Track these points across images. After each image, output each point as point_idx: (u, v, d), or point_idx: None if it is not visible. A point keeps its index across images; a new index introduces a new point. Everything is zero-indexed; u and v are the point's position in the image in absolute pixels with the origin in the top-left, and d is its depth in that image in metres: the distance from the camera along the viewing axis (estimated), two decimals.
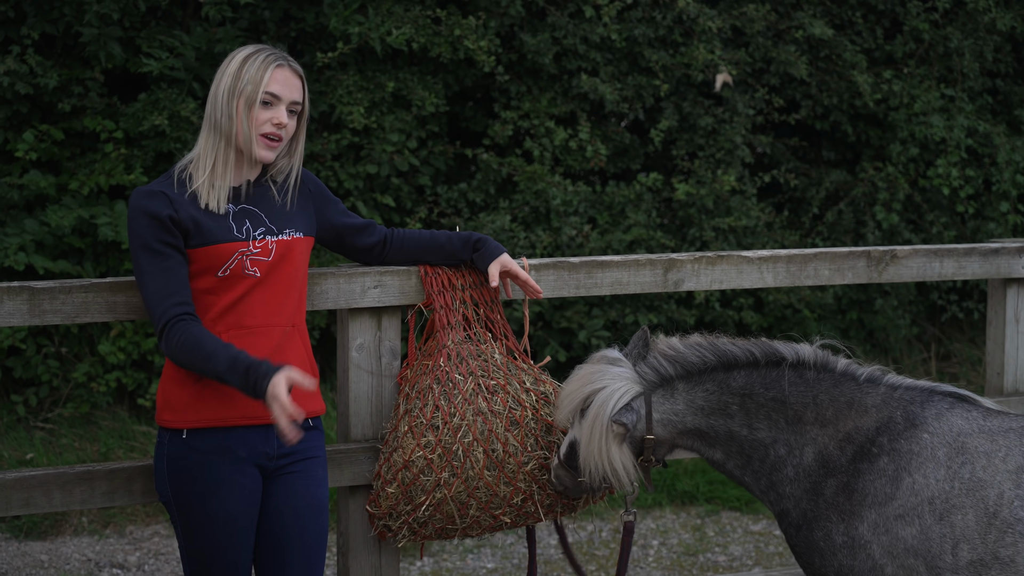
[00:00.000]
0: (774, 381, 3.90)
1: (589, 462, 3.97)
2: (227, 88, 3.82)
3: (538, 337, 7.99)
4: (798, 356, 3.93)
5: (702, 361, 3.93)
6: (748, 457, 3.96)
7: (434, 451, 4.12)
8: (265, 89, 3.81)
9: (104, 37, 7.31)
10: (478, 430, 4.14)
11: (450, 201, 8.09)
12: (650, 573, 6.54)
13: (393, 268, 4.30)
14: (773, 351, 3.93)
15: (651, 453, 3.97)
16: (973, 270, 5.13)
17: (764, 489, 3.97)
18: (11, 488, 3.99)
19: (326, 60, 7.65)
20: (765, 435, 3.91)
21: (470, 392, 4.16)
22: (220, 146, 3.82)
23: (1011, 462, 3.71)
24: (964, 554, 3.68)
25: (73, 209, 7.29)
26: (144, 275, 3.74)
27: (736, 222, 8.21)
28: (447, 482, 4.12)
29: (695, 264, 4.72)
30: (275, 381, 3.57)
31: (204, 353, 3.66)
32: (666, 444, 4.01)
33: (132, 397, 7.74)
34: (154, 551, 6.67)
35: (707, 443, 3.99)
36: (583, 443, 3.97)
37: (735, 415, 3.92)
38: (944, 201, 9.07)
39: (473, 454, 4.13)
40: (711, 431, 3.95)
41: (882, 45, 9.07)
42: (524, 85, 8.26)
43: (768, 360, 3.92)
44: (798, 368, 3.92)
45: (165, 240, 3.73)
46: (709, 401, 3.93)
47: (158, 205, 3.74)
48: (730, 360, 3.93)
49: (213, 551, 3.81)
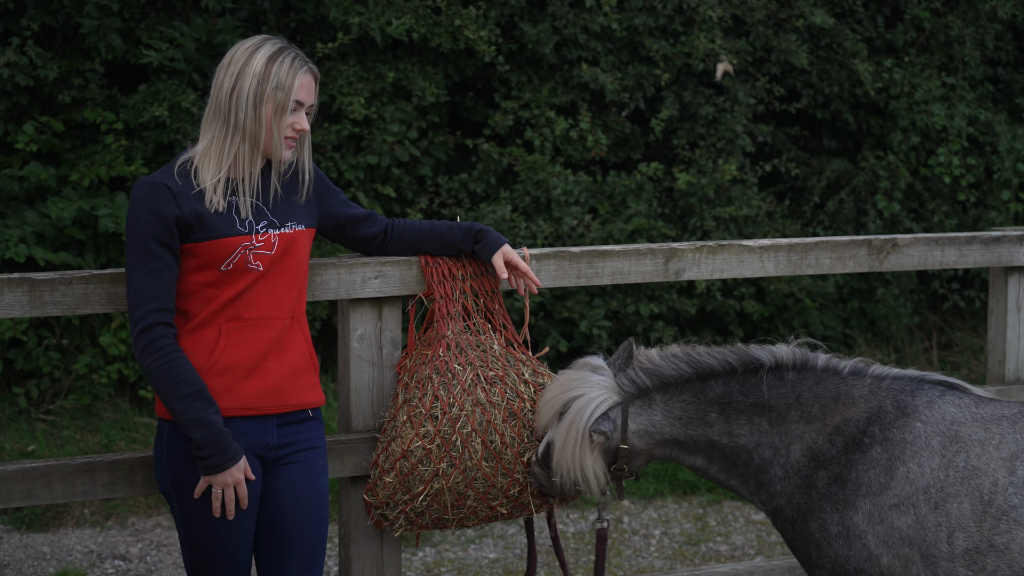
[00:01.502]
0: (753, 387, 3.92)
1: (562, 465, 4.02)
2: (253, 91, 3.78)
3: (539, 327, 7.99)
4: (776, 359, 3.94)
5: (677, 372, 3.96)
6: (732, 463, 3.98)
7: (432, 441, 4.12)
8: (295, 98, 3.81)
9: (104, 28, 7.30)
10: (476, 421, 4.14)
11: (451, 191, 8.09)
12: (652, 563, 6.55)
13: (393, 258, 4.30)
14: (750, 358, 3.94)
15: (624, 463, 4.01)
16: (974, 258, 5.12)
17: (753, 490, 3.98)
18: (13, 480, 3.99)
19: (326, 50, 7.65)
20: (747, 440, 3.93)
21: (469, 383, 4.16)
22: (241, 147, 3.80)
23: (1004, 449, 3.72)
24: (960, 542, 3.68)
25: (74, 201, 7.28)
26: (131, 271, 3.74)
27: (737, 211, 8.21)
28: (445, 472, 4.13)
29: (696, 253, 4.71)
30: (238, 466, 3.73)
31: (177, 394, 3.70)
32: (642, 455, 4.04)
33: (133, 388, 7.74)
34: (156, 542, 6.68)
35: (687, 452, 4.02)
36: (558, 446, 4.01)
37: (714, 423, 3.95)
38: (945, 190, 9.06)
39: (471, 445, 4.13)
40: (690, 440, 3.98)
41: (883, 33, 9.06)
42: (525, 75, 8.25)
43: (745, 367, 3.94)
44: (777, 371, 3.93)
45: (161, 240, 3.72)
46: (687, 411, 3.96)
47: (162, 201, 3.72)
48: (706, 370, 3.95)
49: (213, 541, 3.82)
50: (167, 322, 3.72)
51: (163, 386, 3.70)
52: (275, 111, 3.79)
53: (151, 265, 3.72)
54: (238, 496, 3.76)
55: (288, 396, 3.87)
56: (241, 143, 3.79)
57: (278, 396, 3.85)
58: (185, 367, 3.70)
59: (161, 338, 3.69)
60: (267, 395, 3.83)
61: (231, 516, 3.76)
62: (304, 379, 3.92)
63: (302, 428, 3.92)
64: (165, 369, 3.68)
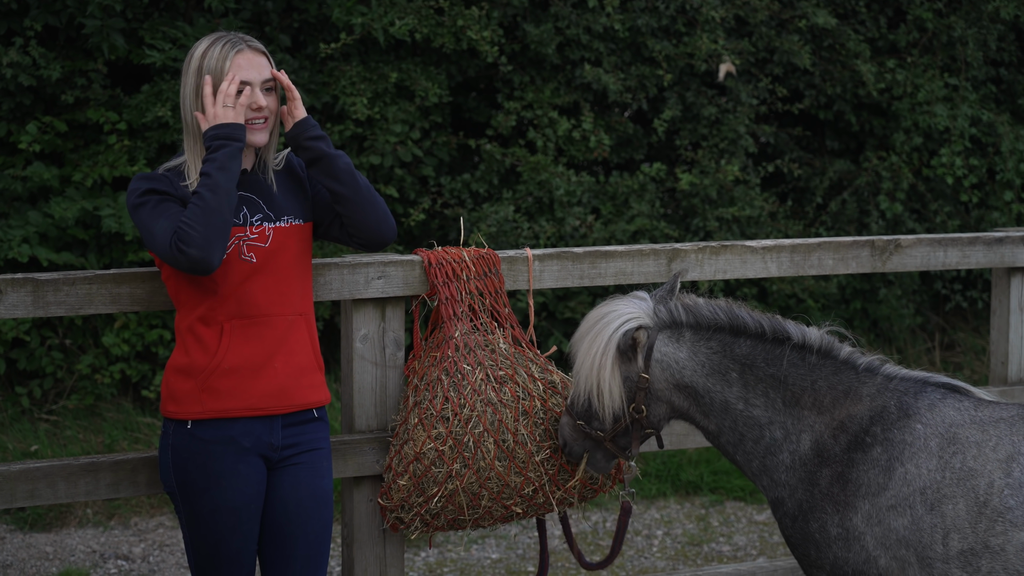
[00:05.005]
0: (776, 358, 3.91)
1: (581, 376, 3.98)
2: (192, 89, 3.79)
3: (542, 328, 7.99)
4: (804, 338, 3.93)
5: (713, 317, 3.94)
6: (742, 435, 3.96)
7: (445, 442, 4.12)
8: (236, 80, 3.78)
9: (107, 28, 7.30)
10: (488, 420, 4.14)
11: (453, 192, 8.09)
12: (655, 563, 6.55)
13: (397, 259, 4.30)
14: (781, 328, 3.94)
15: (643, 401, 3.97)
16: (977, 259, 5.12)
17: (756, 472, 3.97)
18: (16, 480, 3.99)
19: (329, 51, 7.65)
20: (761, 413, 3.92)
21: (479, 382, 4.17)
22: (196, 146, 3.81)
23: (1001, 451, 3.72)
24: (955, 544, 3.68)
25: (77, 201, 7.29)
26: (150, 225, 3.71)
27: (740, 212, 8.21)
28: (459, 473, 4.13)
29: (699, 254, 4.71)
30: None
31: (202, 204, 3.65)
32: (662, 400, 3.99)
33: (136, 389, 7.74)
34: (159, 542, 6.68)
35: (702, 410, 3.98)
36: (580, 354, 3.98)
37: (733, 384, 3.93)
38: (948, 190, 9.06)
39: (484, 445, 4.13)
40: (707, 394, 3.95)
41: (885, 34, 9.06)
42: (527, 75, 8.25)
43: (775, 336, 3.93)
44: (801, 350, 3.92)
45: (167, 197, 3.73)
46: (711, 360, 3.94)
47: (158, 182, 3.76)
48: (739, 325, 3.94)
49: (217, 541, 3.82)
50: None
51: (203, 223, 3.65)
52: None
53: (169, 211, 3.72)
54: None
55: (293, 396, 3.87)
56: (196, 143, 3.80)
57: (283, 396, 3.85)
58: (188, 209, 3.67)
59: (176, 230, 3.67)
60: (273, 395, 3.83)
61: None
62: (309, 378, 3.92)
63: (307, 429, 3.92)
64: (191, 228, 3.63)
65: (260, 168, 3.92)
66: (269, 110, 3.84)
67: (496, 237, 7.70)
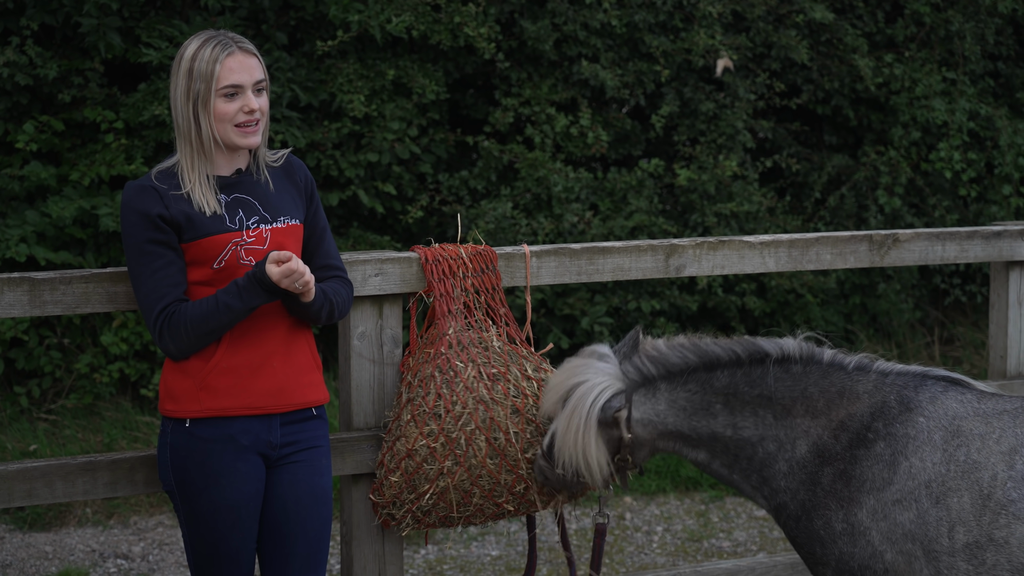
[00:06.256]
0: (759, 378, 3.90)
1: (564, 452, 3.98)
2: (183, 92, 3.77)
3: (541, 324, 7.99)
4: (783, 351, 3.92)
5: (683, 361, 3.93)
6: (735, 456, 3.95)
7: (437, 439, 4.12)
8: (223, 84, 3.75)
9: (103, 27, 7.30)
10: (480, 418, 4.14)
11: (451, 189, 8.09)
12: (654, 559, 6.55)
13: (394, 256, 4.30)
14: (757, 348, 3.92)
15: (628, 452, 3.98)
16: (976, 253, 5.12)
17: (756, 485, 3.96)
18: (14, 479, 3.99)
19: (326, 48, 7.64)
20: (751, 433, 3.91)
21: (471, 380, 4.16)
22: (191, 152, 3.78)
23: (1004, 443, 3.71)
24: (960, 537, 3.68)
25: (74, 200, 7.28)
26: (135, 277, 3.76)
27: (738, 207, 8.20)
28: (450, 470, 4.12)
29: (696, 249, 4.71)
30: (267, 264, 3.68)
31: (199, 315, 3.69)
32: (645, 447, 4.01)
33: (135, 387, 7.74)
34: (158, 541, 6.68)
35: (690, 445, 3.99)
36: (560, 433, 3.99)
37: (719, 415, 3.92)
38: (946, 185, 9.06)
39: (475, 442, 4.13)
40: (693, 433, 3.95)
41: (883, 29, 9.05)
42: (525, 72, 8.24)
43: (752, 358, 3.92)
44: (784, 363, 3.91)
45: (156, 239, 3.72)
46: (692, 401, 3.93)
47: (148, 202, 3.73)
48: (712, 360, 3.93)
49: (216, 540, 3.81)
50: (178, 299, 3.75)
51: (196, 331, 3.71)
52: (202, 106, 3.76)
53: (152, 266, 3.72)
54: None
55: (292, 395, 3.87)
56: (186, 145, 3.78)
57: (282, 395, 3.84)
58: (192, 307, 3.71)
59: (170, 315, 3.71)
60: (271, 394, 3.82)
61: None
62: (308, 378, 3.91)
63: (305, 427, 3.92)
64: (182, 327, 3.69)
65: (255, 168, 3.91)
66: (261, 111, 3.83)
67: (494, 234, 7.69)
